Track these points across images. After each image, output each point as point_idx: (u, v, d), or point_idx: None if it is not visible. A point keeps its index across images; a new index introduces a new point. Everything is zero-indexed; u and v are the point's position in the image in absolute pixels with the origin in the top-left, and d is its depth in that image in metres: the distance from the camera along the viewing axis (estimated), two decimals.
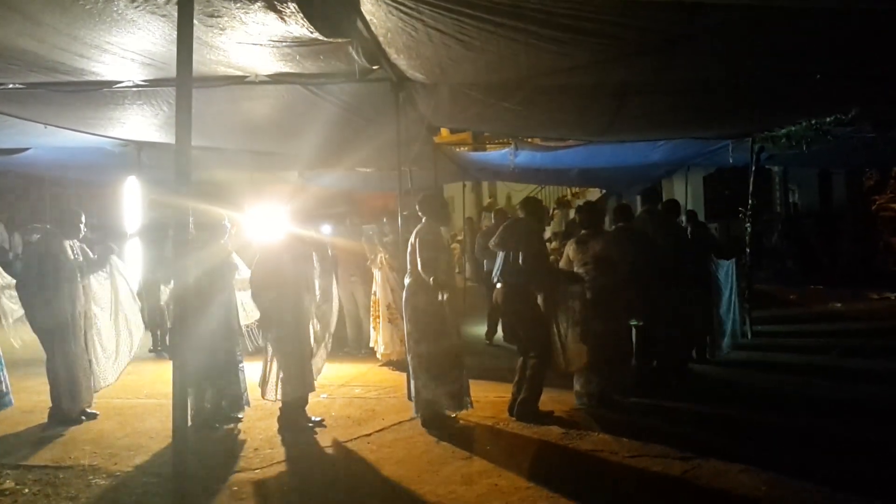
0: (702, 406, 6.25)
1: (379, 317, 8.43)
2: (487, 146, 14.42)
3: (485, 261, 9.80)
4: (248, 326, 6.56)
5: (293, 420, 5.77)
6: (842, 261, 14.68)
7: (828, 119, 7.81)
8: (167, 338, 9.25)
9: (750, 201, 9.52)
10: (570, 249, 6.41)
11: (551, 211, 18.19)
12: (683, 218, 9.03)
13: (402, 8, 4.22)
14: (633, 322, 6.41)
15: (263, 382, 5.85)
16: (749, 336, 9.24)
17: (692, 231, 8.04)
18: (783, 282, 13.95)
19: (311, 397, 6.03)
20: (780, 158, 10.79)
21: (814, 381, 7.21)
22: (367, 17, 4.53)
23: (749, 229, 9.67)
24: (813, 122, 8.03)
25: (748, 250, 9.70)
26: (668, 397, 6.44)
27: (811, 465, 4.76)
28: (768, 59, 5.30)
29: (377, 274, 8.51)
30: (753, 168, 9.37)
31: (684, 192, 13.56)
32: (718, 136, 9.32)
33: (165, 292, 7.00)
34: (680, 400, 6.40)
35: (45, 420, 5.98)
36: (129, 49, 4.88)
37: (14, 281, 6.28)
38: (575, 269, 6.31)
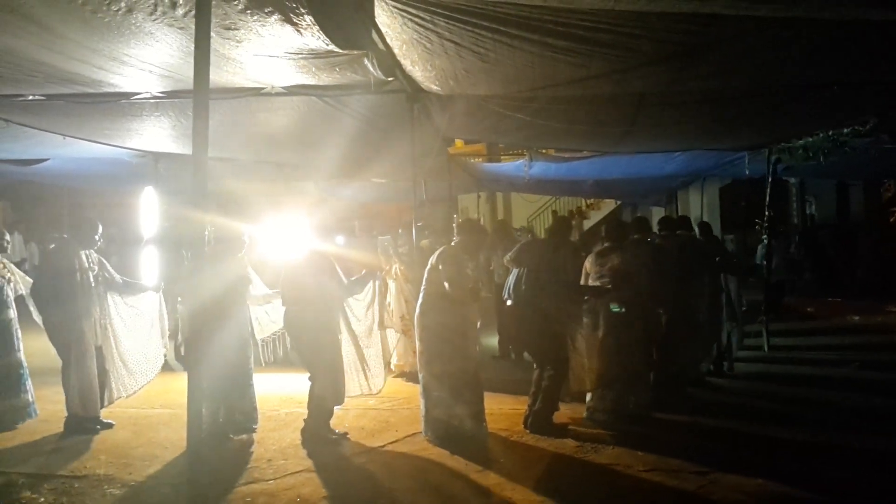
0: (718, 420, 6.19)
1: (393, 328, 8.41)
2: (502, 157, 14.45)
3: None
4: (263, 340, 6.58)
5: (316, 432, 5.76)
6: (860, 273, 14.54)
7: (845, 130, 7.77)
8: (181, 349, 9.28)
9: (766, 213, 9.46)
10: (588, 262, 6.39)
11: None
12: (696, 230, 8.98)
13: (417, 20, 4.25)
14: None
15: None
16: (766, 349, 9.15)
17: (708, 244, 7.99)
18: (800, 294, 13.84)
19: None
20: (796, 170, 10.73)
21: (832, 394, 7.12)
22: (383, 29, 4.56)
23: (765, 241, 9.60)
24: (830, 133, 7.99)
25: (765, 262, 9.64)
26: (685, 411, 6.38)
27: (830, 480, 4.70)
28: (785, 69, 5.28)
29: (392, 285, 8.50)
30: (770, 179, 9.31)
31: (700, 204, 13.49)
32: (734, 148, 9.28)
33: (181, 303, 7.05)
34: (696, 413, 6.34)
35: (62, 429, 6.01)
36: (146, 61, 4.93)
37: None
38: (590, 283, 6.28)
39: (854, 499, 4.46)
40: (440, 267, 5.74)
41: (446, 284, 5.64)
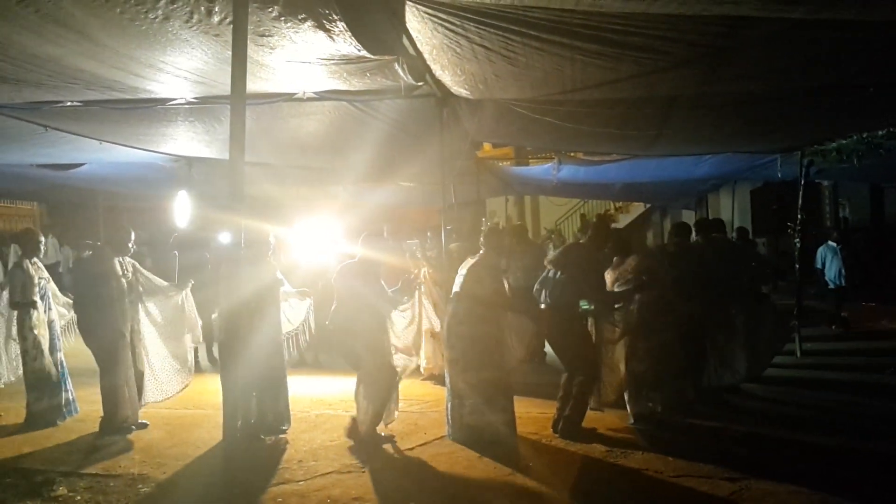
0: (750, 425, 6.12)
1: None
2: (530, 161, 14.46)
3: None
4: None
5: (367, 433, 5.82)
6: (894, 277, 14.25)
7: (880, 132, 7.65)
8: (213, 350, 9.38)
9: (799, 216, 9.34)
10: (607, 276, 6.37)
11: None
12: (734, 235, 8.91)
13: (447, 25, 4.27)
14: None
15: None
16: (798, 354, 9.03)
17: (745, 249, 7.92)
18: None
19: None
20: (830, 172, 10.58)
21: (867, 400, 7.01)
22: (413, 35, 4.59)
23: (798, 245, 9.48)
24: (864, 135, 7.87)
25: (797, 266, 9.52)
26: (716, 416, 6.33)
27: (864, 488, 4.64)
28: (818, 70, 5.22)
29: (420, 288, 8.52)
30: (802, 182, 9.20)
31: (731, 207, 13.39)
32: (767, 150, 9.19)
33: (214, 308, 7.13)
34: (728, 419, 6.28)
35: (97, 429, 6.13)
36: (181, 68, 5.02)
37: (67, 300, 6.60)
38: (616, 290, 6.24)
39: None
40: (480, 279, 5.76)
41: (489, 295, 5.69)
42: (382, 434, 5.93)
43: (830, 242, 11.41)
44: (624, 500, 4.66)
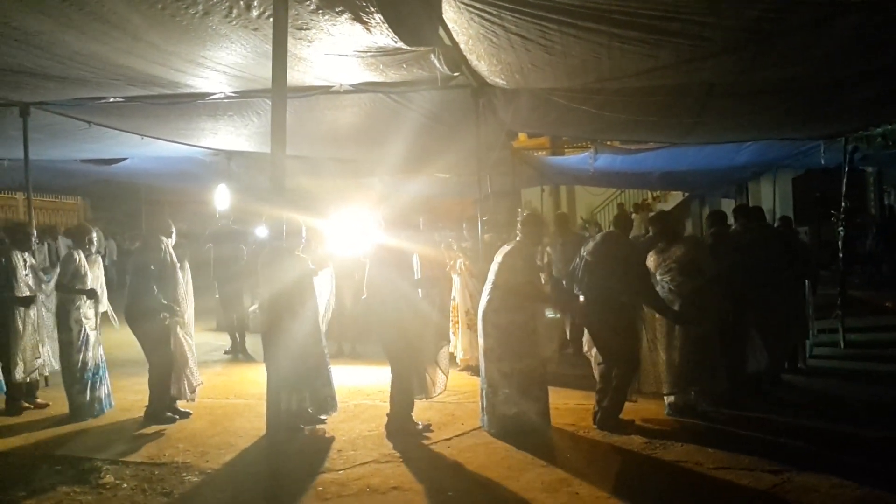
0: (792, 417, 6.03)
1: (458, 322, 8.45)
2: (565, 150, 14.35)
3: None
4: None
5: (400, 425, 5.85)
6: None
7: None
8: (245, 341, 9.51)
9: (842, 204, 9.13)
10: (650, 259, 6.29)
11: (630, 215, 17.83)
12: (773, 221, 8.73)
13: (483, 14, 4.26)
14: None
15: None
16: (842, 345, 8.86)
17: (790, 239, 7.76)
18: (878, 288, 13.30)
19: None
20: (874, 159, 10.33)
21: None
22: (450, 25, 4.59)
23: (841, 233, 9.27)
24: None
25: (841, 255, 9.32)
26: (758, 407, 6.25)
27: None
28: (862, 55, 5.09)
29: (456, 280, 8.54)
30: (846, 169, 8.98)
31: (772, 195, 13.11)
32: (809, 137, 8.99)
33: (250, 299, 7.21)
34: (770, 410, 6.20)
35: (141, 418, 6.26)
36: (221, 62, 5.09)
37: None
38: (658, 277, 6.16)
39: None
40: (515, 268, 5.74)
41: (522, 285, 5.66)
42: (420, 424, 5.96)
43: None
44: (664, 493, 4.62)
